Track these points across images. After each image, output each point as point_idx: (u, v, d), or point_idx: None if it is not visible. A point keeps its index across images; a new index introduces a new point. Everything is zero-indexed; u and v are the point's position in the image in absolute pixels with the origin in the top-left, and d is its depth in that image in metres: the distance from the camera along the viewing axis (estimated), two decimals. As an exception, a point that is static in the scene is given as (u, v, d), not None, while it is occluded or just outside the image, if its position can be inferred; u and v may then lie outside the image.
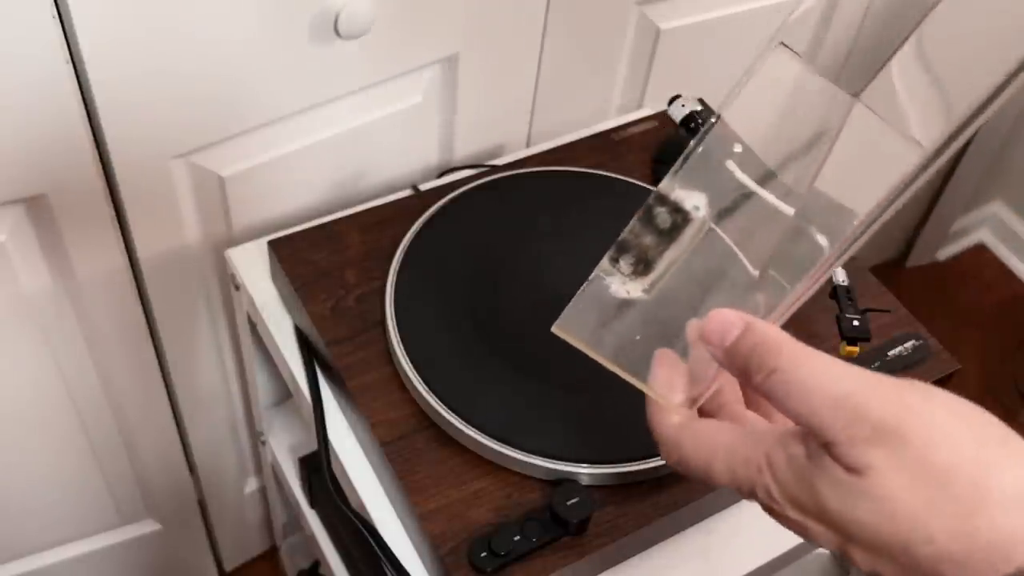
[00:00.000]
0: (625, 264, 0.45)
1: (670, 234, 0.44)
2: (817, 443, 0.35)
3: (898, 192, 0.40)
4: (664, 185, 0.44)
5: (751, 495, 0.38)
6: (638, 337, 0.45)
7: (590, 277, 0.46)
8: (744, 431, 0.39)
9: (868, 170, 0.42)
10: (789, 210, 0.43)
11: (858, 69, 0.41)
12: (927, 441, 0.33)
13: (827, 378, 0.34)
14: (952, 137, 0.39)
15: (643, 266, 0.44)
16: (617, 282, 0.45)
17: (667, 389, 0.42)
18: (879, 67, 0.42)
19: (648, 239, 0.44)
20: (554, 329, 0.46)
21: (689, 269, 0.44)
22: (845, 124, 0.42)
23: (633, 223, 0.44)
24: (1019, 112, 1.55)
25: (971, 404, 0.34)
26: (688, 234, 0.44)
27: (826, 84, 0.43)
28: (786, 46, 0.43)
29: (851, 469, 0.33)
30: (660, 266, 0.44)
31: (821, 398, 0.34)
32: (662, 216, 0.44)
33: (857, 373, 0.34)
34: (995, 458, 0.33)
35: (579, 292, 0.46)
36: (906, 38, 0.42)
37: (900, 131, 0.40)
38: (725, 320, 0.38)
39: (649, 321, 0.45)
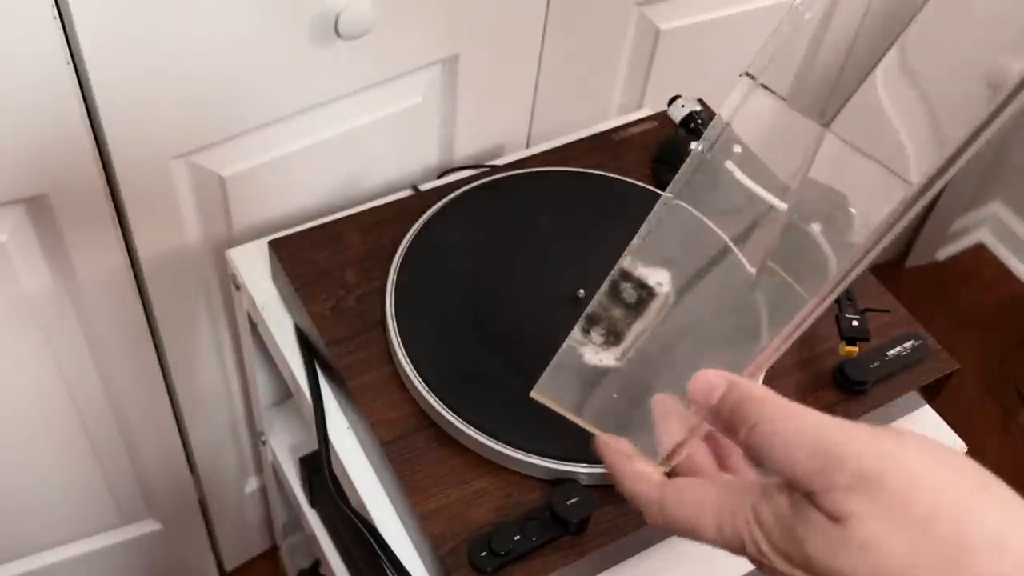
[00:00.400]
0: (596, 335, 0.46)
1: (636, 308, 0.46)
2: (800, 493, 0.35)
3: (882, 233, 0.40)
4: (626, 263, 0.46)
5: (740, 550, 0.38)
6: (615, 396, 0.47)
7: (563, 346, 0.47)
8: (729, 485, 0.39)
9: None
10: (751, 271, 0.45)
11: (851, 83, 0.40)
12: (907, 487, 0.33)
13: (807, 429, 0.35)
14: (944, 168, 0.38)
15: (613, 337, 0.46)
16: (590, 352, 0.47)
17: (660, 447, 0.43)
18: (852, 89, 0.42)
19: (616, 312, 0.46)
20: (533, 395, 0.47)
21: (659, 336, 0.46)
22: (816, 158, 0.42)
23: (600, 297, 0.46)
24: (1018, 112, 1.55)
25: (948, 448, 0.35)
26: (654, 308, 0.46)
27: (801, 120, 0.43)
28: (759, 82, 0.44)
29: (833, 518, 0.34)
30: (629, 337, 0.46)
31: (802, 449, 0.35)
32: (628, 292, 0.46)
33: (836, 424, 0.35)
34: (976, 503, 0.33)
35: (555, 359, 0.47)
36: (883, 54, 0.42)
37: (884, 164, 0.40)
38: (708, 380, 0.39)
39: (624, 385, 0.47)
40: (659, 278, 0.46)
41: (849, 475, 0.33)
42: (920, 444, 0.34)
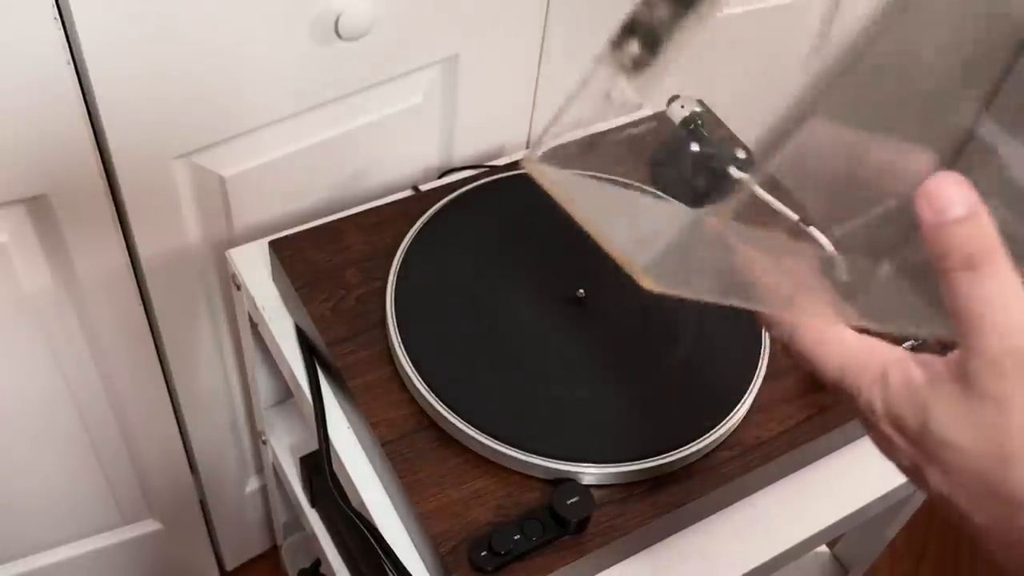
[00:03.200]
0: (631, 49, 0.35)
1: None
2: (952, 368, 0.35)
3: None
4: None
5: (851, 399, 0.39)
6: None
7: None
8: (867, 339, 0.39)
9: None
10: None
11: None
12: None
13: (1009, 299, 0.34)
14: None
15: (649, 51, 0.35)
16: (608, 75, 0.36)
17: None
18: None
19: (663, 10, 0.35)
20: (524, 163, 0.37)
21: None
22: None
23: None
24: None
25: None
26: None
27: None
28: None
29: (984, 395, 0.34)
30: (665, 52, 0.35)
31: (996, 315, 0.34)
32: None
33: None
34: None
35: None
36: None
37: None
38: (951, 193, 0.35)
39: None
40: None
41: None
42: None
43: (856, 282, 0.39)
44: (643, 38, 0.35)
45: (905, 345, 0.72)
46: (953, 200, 0.35)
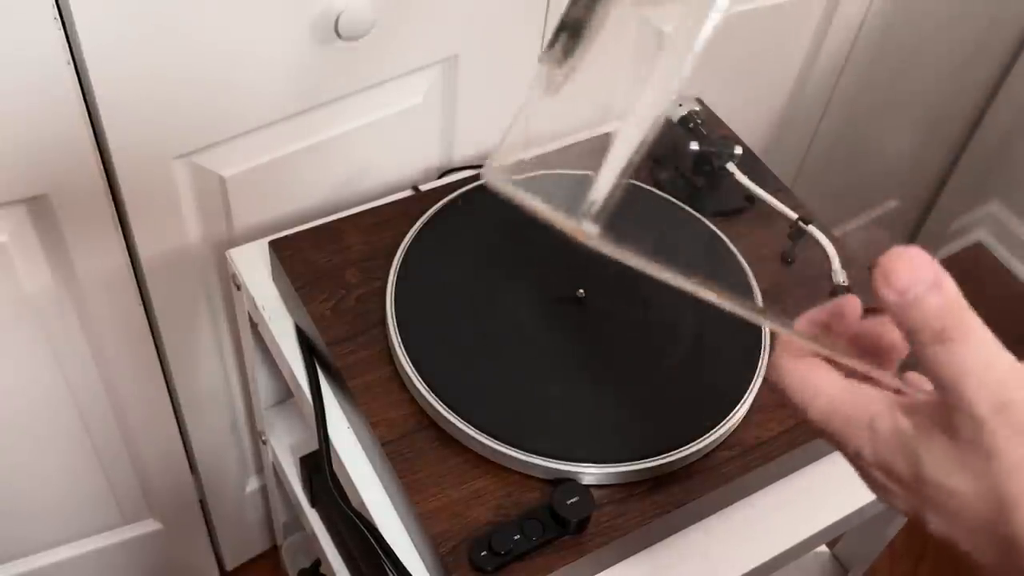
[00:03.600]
0: (559, 46, 0.36)
1: None
2: (937, 418, 0.35)
3: None
4: None
5: (837, 445, 0.39)
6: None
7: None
8: (855, 386, 0.39)
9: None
10: None
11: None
12: None
13: (993, 362, 0.34)
14: None
15: (573, 38, 0.36)
16: (543, 74, 0.37)
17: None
18: None
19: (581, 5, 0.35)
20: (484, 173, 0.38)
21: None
22: None
23: None
24: (1017, 112, 1.55)
25: None
26: None
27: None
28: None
29: (974, 447, 0.34)
30: (585, 39, 0.36)
31: (979, 379, 0.34)
32: None
33: (1011, 364, 0.35)
34: None
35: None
36: None
37: None
38: (916, 270, 0.34)
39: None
40: None
41: (1018, 421, 0.33)
42: None
43: None
44: (568, 30, 0.37)
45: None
46: (914, 277, 0.34)
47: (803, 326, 0.41)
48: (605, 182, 0.35)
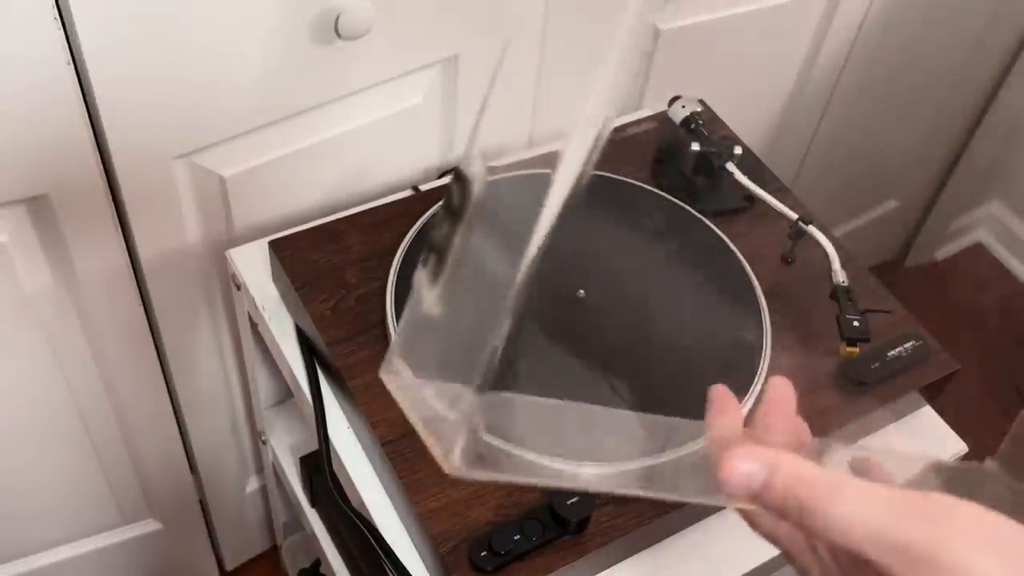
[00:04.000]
0: (430, 266, 0.36)
1: (458, 213, 0.35)
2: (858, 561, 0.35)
3: None
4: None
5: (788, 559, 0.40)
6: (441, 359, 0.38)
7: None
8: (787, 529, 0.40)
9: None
10: None
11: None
12: (966, 570, 0.32)
13: (862, 512, 0.34)
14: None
15: (439, 260, 0.37)
16: (423, 292, 0.37)
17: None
18: None
19: (444, 226, 0.36)
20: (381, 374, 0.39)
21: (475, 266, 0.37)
22: None
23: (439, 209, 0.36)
24: (1017, 112, 1.55)
25: (1003, 518, 0.33)
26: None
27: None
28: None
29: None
30: (449, 261, 0.36)
31: (862, 533, 0.33)
32: (455, 192, 0.35)
33: (887, 500, 0.34)
34: None
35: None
36: None
37: None
38: (744, 465, 0.35)
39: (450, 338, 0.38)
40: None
41: (912, 560, 0.32)
42: (971, 518, 0.33)
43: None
44: (435, 253, 0.38)
45: (892, 352, 0.72)
46: (748, 471, 0.35)
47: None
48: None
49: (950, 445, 0.75)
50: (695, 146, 0.82)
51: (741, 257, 0.77)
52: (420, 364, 0.39)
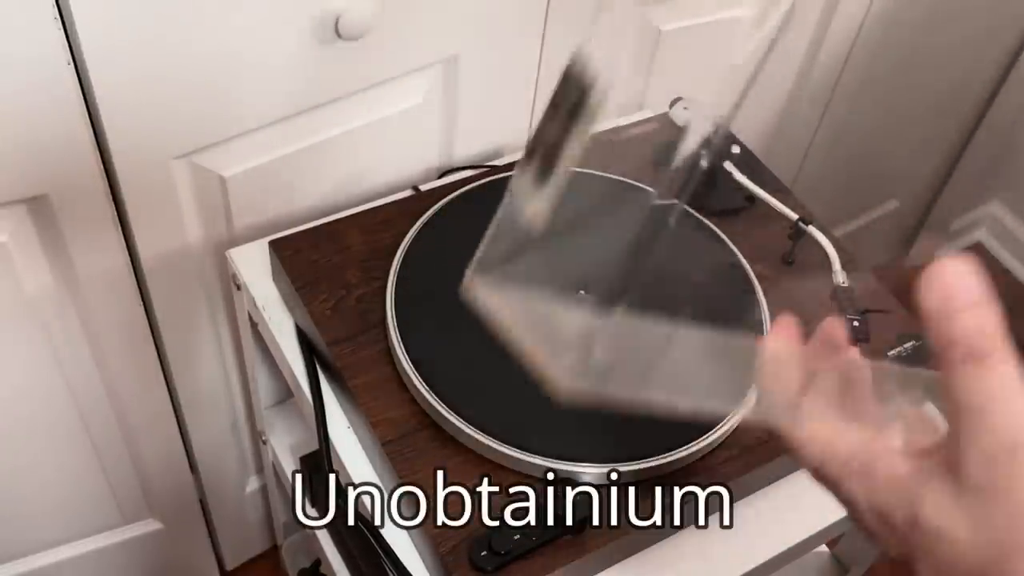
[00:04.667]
0: (535, 168, 0.32)
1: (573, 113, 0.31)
2: (941, 460, 0.34)
3: None
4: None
5: (830, 486, 0.38)
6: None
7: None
8: (848, 431, 0.38)
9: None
10: None
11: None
12: None
13: (1015, 392, 0.33)
14: None
15: (547, 164, 0.33)
16: (525, 199, 0.33)
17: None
18: None
19: (552, 128, 0.32)
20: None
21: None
22: None
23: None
24: (1017, 112, 1.55)
25: None
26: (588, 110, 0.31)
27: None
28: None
29: (979, 488, 0.33)
30: (559, 168, 0.33)
31: (1002, 408, 0.32)
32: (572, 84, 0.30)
33: None
34: None
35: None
36: None
37: None
38: (959, 280, 0.34)
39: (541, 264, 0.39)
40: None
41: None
42: None
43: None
44: (542, 155, 0.36)
45: (892, 352, 0.72)
46: (960, 287, 0.34)
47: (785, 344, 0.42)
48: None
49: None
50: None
51: (741, 257, 0.77)
52: (521, 278, 0.37)
